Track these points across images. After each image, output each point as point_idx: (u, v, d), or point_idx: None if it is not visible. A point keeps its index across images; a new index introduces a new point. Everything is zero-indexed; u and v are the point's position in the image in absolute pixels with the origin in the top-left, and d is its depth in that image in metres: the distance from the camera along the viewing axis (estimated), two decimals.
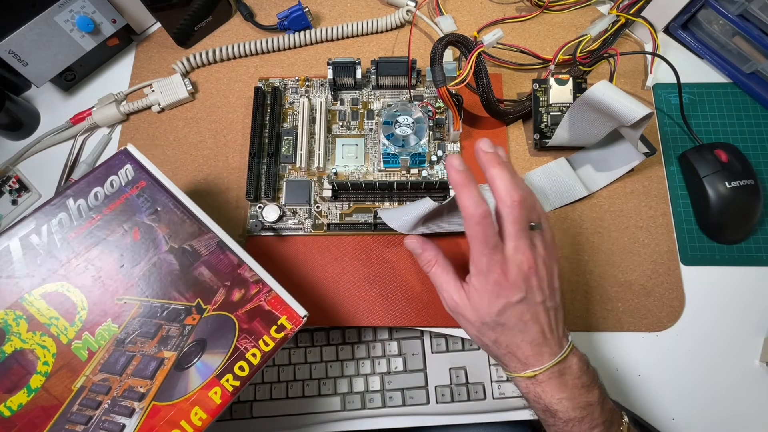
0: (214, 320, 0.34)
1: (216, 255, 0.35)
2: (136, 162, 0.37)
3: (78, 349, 0.33)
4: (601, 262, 0.46)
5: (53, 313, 0.34)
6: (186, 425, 0.32)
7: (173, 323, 0.34)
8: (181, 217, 0.36)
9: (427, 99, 0.52)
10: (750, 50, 0.49)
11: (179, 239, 0.36)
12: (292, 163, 0.49)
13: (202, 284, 0.35)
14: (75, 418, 0.32)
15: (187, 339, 0.33)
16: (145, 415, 0.32)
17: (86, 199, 0.36)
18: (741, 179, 0.46)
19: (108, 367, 0.33)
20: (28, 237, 0.35)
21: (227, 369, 0.33)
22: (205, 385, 0.33)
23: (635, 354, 0.44)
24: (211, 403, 0.32)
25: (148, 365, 0.33)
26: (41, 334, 0.33)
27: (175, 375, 0.33)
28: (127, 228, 0.36)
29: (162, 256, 0.35)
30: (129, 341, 0.33)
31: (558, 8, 0.56)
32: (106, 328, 0.34)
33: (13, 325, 0.33)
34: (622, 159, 0.48)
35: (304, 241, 0.48)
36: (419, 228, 0.45)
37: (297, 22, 0.54)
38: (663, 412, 0.43)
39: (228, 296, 0.35)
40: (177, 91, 0.52)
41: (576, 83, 0.49)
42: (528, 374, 0.34)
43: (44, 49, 0.48)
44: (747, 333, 0.45)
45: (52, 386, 0.32)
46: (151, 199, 0.36)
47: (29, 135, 0.53)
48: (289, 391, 0.51)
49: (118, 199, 0.36)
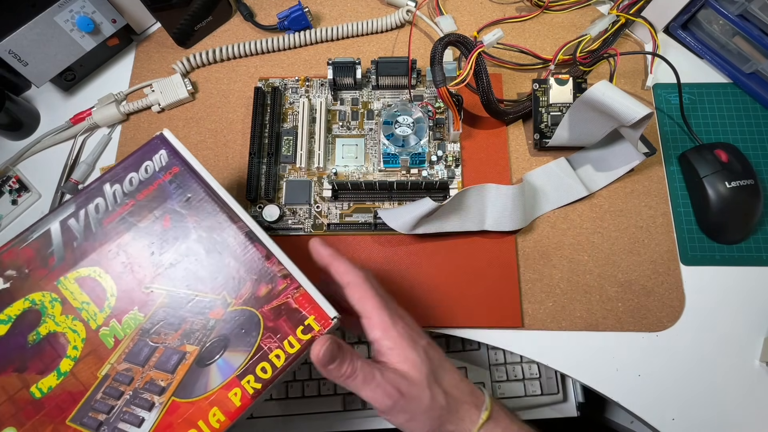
0: (239, 315, 0.33)
1: (244, 246, 0.34)
2: (170, 147, 0.37)
3: (105, 335, 0.33)
4: (601, 262, 0.46)
5: (85, 297, 0.33)
6: (203, 426, 0.31)
7: (197, 316, 0.33)
8: (212, 206, 0.35)
9: (427, 99, 0.52)
10: (750, 50, 0.49)
11: (209, 228, 0.35)
12: (292, 163, 0.49)
13: (228, 276, 0.33)
14: (98, 407, 0.32)
15: (210, 333, 0.32)
16: (165, 410, 0.31)
17: (121, 185, 0.36)
18: (741, 179, 0.46)
19: (132, 357, 0.32)
20: (68, 221, 0.35)
21: (249, 369, 0.31)
22: (225, 385, 0.31)
23: (635, 354, 0.44)
24: (231, 404, 0.31)
25: (170, 358, 0.32)
26: (73, 318, 0.33)
27: (196, 371, 0.32)
28: (158, 215, 0.35)
29: (190, 245, 0.34)
30: (153, 332, 0.33)
31: (558, 8, 0.56)
32: (132, 317, 0.33)
33: (48, 307, 0.33)
34: (622, 159, 0.48)
35: (304, 241, 0.48)
36: (419, 228, 0.45)
37: (297, 22, 0.54)
38: (663, 412, 0.43)
39: (254, 290, 0.33)
40: (177, 91, 0.52)
41: (576, 83, 0.49)
42: (485, 414, 0.32)
43: (44, 49, 0.48)
44: (747, 333, 0.45)
45: (80, 371, 0.32)
46: (183, 185, 0.35)
47: (29, 135, 0.53)
48: (289, 391, 0.52)
49: (152, 185, 0.36)
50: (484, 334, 0.45)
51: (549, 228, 0.48)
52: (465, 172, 0.49)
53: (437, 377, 0.32)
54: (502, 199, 0.46)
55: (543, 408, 0.52)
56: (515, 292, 0.45)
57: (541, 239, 0.47)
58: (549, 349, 0.44)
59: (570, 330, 0.45)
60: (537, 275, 0.46)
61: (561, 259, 0.47)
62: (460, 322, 0.45)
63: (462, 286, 0.46)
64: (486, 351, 0.52)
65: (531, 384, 0.51)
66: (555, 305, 0.45)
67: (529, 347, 0.45)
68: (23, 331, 0.33)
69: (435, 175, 0.49)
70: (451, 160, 0.49)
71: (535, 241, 0.47)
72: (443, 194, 0.48)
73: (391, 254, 0.47)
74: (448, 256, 0.47)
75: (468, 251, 0.47)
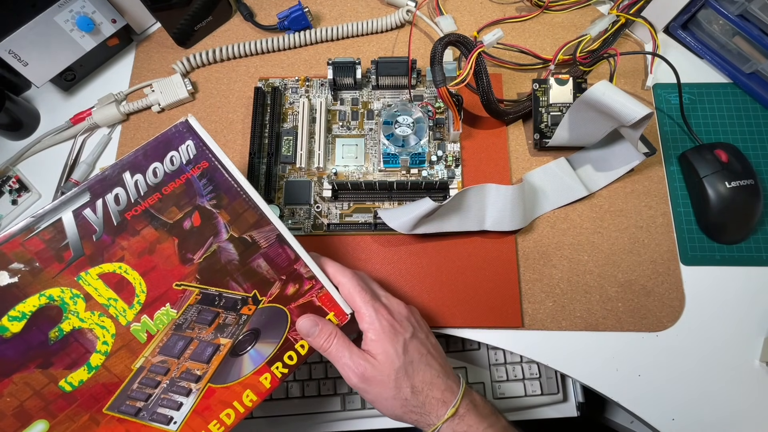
0: (269, 311, 0.35)
1: (275, 248, 0.35)
2: (197, 137, 0.35)
3: (137, 331, 0.33)
4: (601, 262, 0.46)
5: (111, 294, 0.33)
6: (238, 405, 0.34)
7: (230, 312, 0.35)
8: (243, 206, 0.35)
9: (427, 99, 0.52)
10: (750, 50, 0.49)
11: (240, 228, 0.35)
12: (292, 163, 0.49)
13: (259, 276, 0.35)
14: (135, 395, 0.33)
15: (243, 328, 0.35)
16: (201, 395, 0.34)
17: (144, 175, 0.33)
18: (741, 179, 0.46)
19: (166, 350, 0.34)
20: (83, 211, 0.33)
21: (277, 357, 0.35)
22: (257, 371, 0.35)
23: (635, 354, 0.44)
24: (261, 387, 0.35)
25: (205, 350, 0.34)
26: (99, 315, 0.33)
27: (230, 361, 0.34)
28: (188, 211, 0.34)
29: (222, 245, 0.35)
30: (187, 326, 0.34)
31: (558, 8, 0.56)
32: (164, 313, 0.34)
33: (70, 303, 0.32)
34: (622, 159, 0.48)
35: (304, 241, 0.47)
36: (419, 228, 0.45)
37: (297, 22, 0.54)
38: (663, 412, 0.43)
39: (283, 290, 0.35)
40: (177, 91, 0.52)
41: (576, 83, 0.49)
42: (451, 411, 0.35)
43: (44, 49, 0.48)
44: (747, 333, 0.45)
45: (113, 365, 0.33)
46: (214, 182, 0.34)
47: (29, 135, 0.53)
48: (289, 391, 0.52)
49: (179, 178, 0.34)
50: (484, 334, 0.45)
51: (549, 228, 0.48)
52: (465, 172, 0.49)
53: (408, 372, 0.35)
54: (502, 199, 0.45)
55: (543, 408, 0.52)
56: (515, 292, 0.45)
57: (541, 239, 0.47)
58: (549, 349, 0.44)
59: (570, 330, 0.45)
60: (537, 275, 0.46)
61: (561, 259, 0.47)
62: (460, 322, 0.45)
63: (462, 286, 0.46)
64: (486, 351, 0.52)
65: (531, 384, 0.51)
66: (555, 305, 0.45)
67: (529, 347, 0.45)
68: (43, 328, 0.32)
69: (435, 175, 0.49)
70: (451, 160, 0.49)
71: (535, 241, 0.47)
72: (443, 194, 0.48)
73: (391, 254, 0.47)
74: (448, 256, 0.47)
75: (468, 251, 0.47)
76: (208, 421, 0.34)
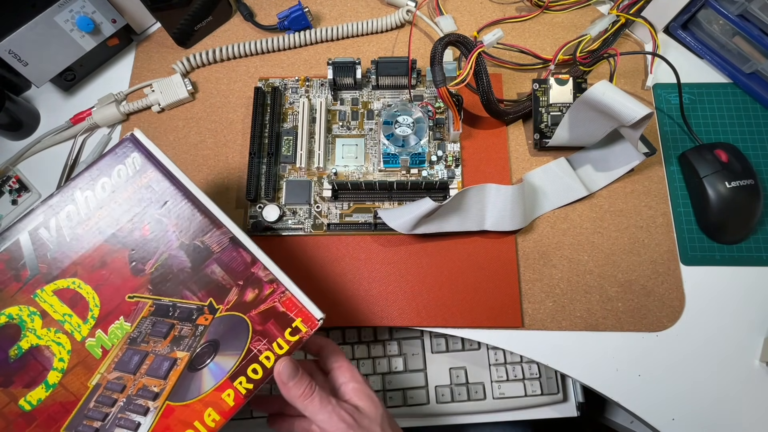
0: (227, 321, 0.33)
1: (229, 252, 0.34)
2: (143, 149, 0.35)
3: (92, 346, 0.33)
4: (601, 262, 0.46)
5: (66, 309, 0.33)
6: (199, 425, 0.32)
7: (185, 323, 0.33)
8: (191, 211, 0.34)
9: (427, 99, 0.52)
10: (750, 50, 0.49)
11: (190, 235, 0.34)
12: (292, 163, 0.49)
13: (214, 283, 0.34)
14: (92, 414, 0.32)
15: (200, 339, 0.33)
16: (160, 414, 0.32)
17: (93, 191, 0.34)
18: (741, 179, 0.46)
19: (122, 366, 0.33)
20: (37, 230, 0.34)
21: (240, 371, 0.32)
22: (218, 387, 0.32)
23: (635, 354, 0.44)
24: (224, 405, 0.32)
25: (162, 365, 0.33)
26: (55, 331, 0.33)
27: (189, 375, 0.32)
28: (136, 222, 0.34)
29: (173, 253, 0.34)
30: (141, 340, 0.33)
31: (558, 8, 0.56)
32: (118, 326, 0.33)
33: (27, 321, 0.33)
34: (622, 159, 0.48)
35: (304, 241, 0.48)
36: (419, 228, 0.45)
37: (297, 22, 0.54)
38: (663, 412, 0.43)
39: (241, 296, 0.34)
40: (177, 91, 0.52)
41: (576, 83, 0.49)
42: None
43: (44, 49, 0.48)
44: (747, 333, 0.45)
45: (69, 383, 0.32)
46: (160, 190, 0.35)
47: (29, 135, 0.53)
48: None
49: (126, 190, 0.35)
50: (484, 334, 0.45)
51: (549, 228, 0.48)
52: (465, 172, 0.49)
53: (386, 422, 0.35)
54: (502, 199, 0.46)
55: (543, 408, 0.52)
56: (515, 292, 0.45)
57: (541, 239, 0.47)
58: (549, 349, 0.44)
59: (570, 330, 0.45)
60: (537, 275, 0.46)
61: (561, 259, 0.47)
62: (460, 322, 0.45)
63: (462, 286, 0.46)
64: (486, 351, 0.52)
65: (531, 384, 0.51)
66: (555, 305, 0.45)
67: (529, 347, 0.45)
68: (3, 346, 0.33)
69: (435, 175, 0.49)
70: (451, 160, 0.49)
71: (535, 241, 0.47)
72: (443, 194, 0.48)
73: (391, 254, 0.47)
74: (448, 256, 0.47)
75: (468, 251, 0.47)
76: None
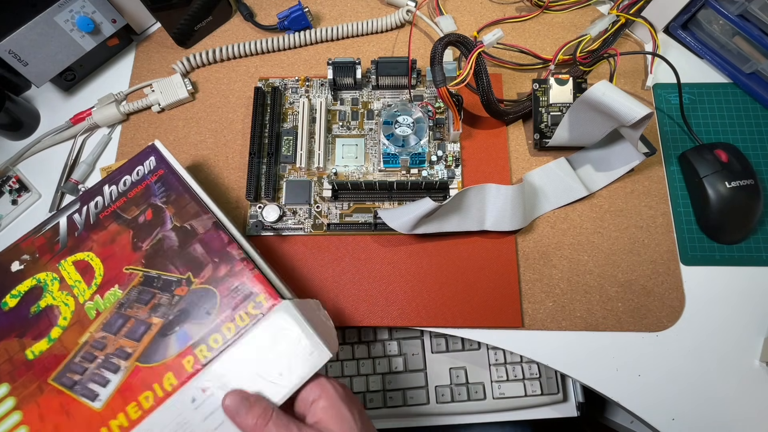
0: (200, 293, 0.37)
1: (210, 233, 0.39)
2: (159, 154, 0.43)
3: (89, 308, 0.38)
4: (601, 262, 0.46)
5: (78, 276, 0.39)
6: (158, 388, 0.35)
7: (165, 293, 0.37)
8: (187, 199, 0.40)
9: (427, 99, 0.52)
10: (750, 50, 0.49)
11: (183, 219, 0.40)
12: (292, 163, 0.49)
13: (194, 259, 0.38)
14: (75, 368, 0.36)
15: (175, 308, 0.37)
16: (128, 373, 0.35)
17: (117, 186, 0.42)
18: (741, 179, 0.46)
19: (108, 327, 0.37)
20: (73, 216, 0.41)
21: (202, 340, 0.35)
22: (181, 353, 0.35)
23: (635, 354, 0.44)
24: (183, 370, 0.35)
25: (138, 328, 0.37)
26: (66, 294, 0.39)
27: (159, 340, 0.36)
28: (143, 208, 0.41)
29: (166, 233, 0.40)
30: (128, 306, 0.38)
31: (558, 8, 0.56)
32: (112, 293, 0.38)
33: (49, 284, 0.39)
34: (622, 159, 0.48)
35: (304, 241, 0.48)
36: (419, 228, 0.45)
37: (297, 22, 0.54)
38: (663, 412, 0.43)
39: (215, 271, 0.37)
40: (177, 91, 0.52)
41: (576, 83, 0.49)
42: None
43: (44, 49, 0.48)
44: (747, 333, 0.45)
45: (65, 338, 0.37)
46: (166, 184, 0.41)
47: (29, 135, 0.53)
48: None
49: (140, 185, 0.42)
50: (484, 334, 0.45)
51: (549, 228, 0.48)
52: (465, 172, 0.49)
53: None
54: (502, 199, 0.46)
55: (543, 408, 0.52)
56: (515, 292, 0.45)
57: (541, 239, 0.47)
58: (549, 349, 0.44)
59: (570, 330, 0.45)
60: (537, 275, 0.46)
61: (561, 259, 0.47)
62: (460, 322, 0.45)
63: (462, 286, 0.46)
64: (486, 351, 0.52)
65: (531, 384, 0.51)
66: (555, 305, 0.45)
67: (529, 347, 0.45)
68: (28, 304, 0.39)
69: (435, 175, 0.49)
70: (451, 160, 0.49)
71: (535, 241, 0.47)
72: (443, 194, 0.48)
73: (391, 254, 0.47)
74: (448, 256, 0.47)
75: (468, 251, 0.47)
76: (127, 401, 0.35)
